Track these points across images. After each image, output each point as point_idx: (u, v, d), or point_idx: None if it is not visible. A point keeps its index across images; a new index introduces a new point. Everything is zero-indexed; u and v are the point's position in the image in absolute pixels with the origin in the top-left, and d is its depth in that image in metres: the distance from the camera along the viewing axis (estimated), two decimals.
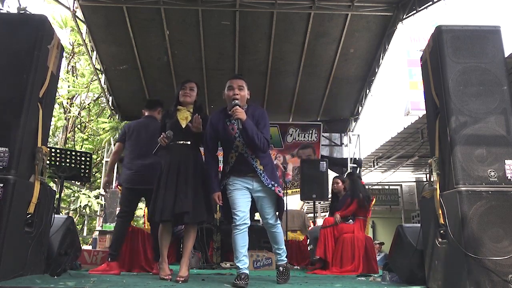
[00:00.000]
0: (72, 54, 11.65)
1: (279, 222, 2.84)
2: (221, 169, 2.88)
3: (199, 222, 2.95)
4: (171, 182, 2.84)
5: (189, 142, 2.97)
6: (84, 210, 7.81)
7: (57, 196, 3.53)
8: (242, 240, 2.68)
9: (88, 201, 7.59)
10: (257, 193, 2.76)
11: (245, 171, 2.74)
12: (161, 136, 2.87)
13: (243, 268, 2.64)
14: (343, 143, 9.32)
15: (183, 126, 2.97)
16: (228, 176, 2.78)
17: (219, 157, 2.91)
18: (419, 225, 2.75)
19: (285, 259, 2.92)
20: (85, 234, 8.41)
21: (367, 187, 5.41)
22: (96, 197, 7.85)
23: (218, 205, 4.71)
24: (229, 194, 2.75)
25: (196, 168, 2.91)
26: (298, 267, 4.90)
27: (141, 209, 14.11)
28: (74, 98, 11.96)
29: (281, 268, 2.86)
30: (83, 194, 7.76)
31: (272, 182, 2.73)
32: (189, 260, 2.94)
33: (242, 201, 2.71)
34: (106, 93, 8.47)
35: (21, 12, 2.54)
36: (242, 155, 2.73)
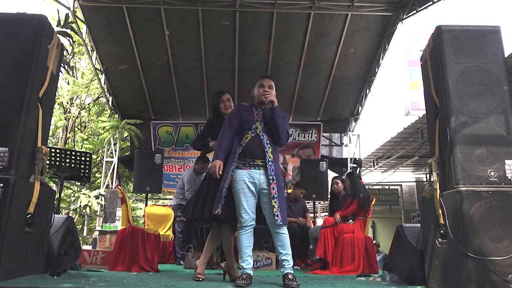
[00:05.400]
0: (72, 54, 11.63)
1: (285, 224, 2.71)
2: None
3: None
4: (207, 188, 2.92)
5: None
6: (84, 210, 7.79)
7: (57, 196, 3.53)
8: (247, 240, 2.69)
9: (88, 201, 7.57)
10: (263, 190, 2.72)
11: (256, 154, 2.74)
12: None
13: (247, 268, 2.63)
14: (343, 143, 9.32)
15: None
16: (235, 163, 2.74)
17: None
18: (419, 225, 2.76)
19: (291, 266, 2.70)
20: (85, 234, 8.40)
21: (367, 187, 5.41)
22: (96, 197, 7.83)
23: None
24: (234, 193, 2.73)
25: None
26: (298, 267, 4.90)
27: (141, 209, 14.14)
28: (74, 98, 11.95)
29: (290, 276, 2.60)
30: (83, 194, 7.75)
31: (274, 177, 2.71)
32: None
33: (248, 203, 2.70)
34: (106, 93, 8.47)
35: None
36: (259, 137, 2.79)
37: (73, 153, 4.32)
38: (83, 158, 4.30)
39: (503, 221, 2.14)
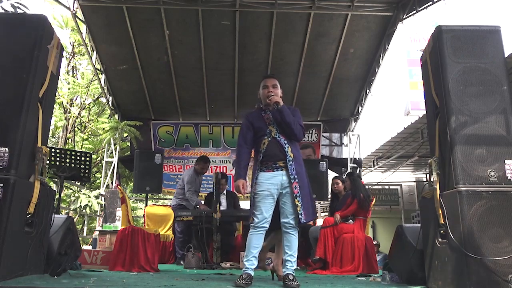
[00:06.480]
0: (72, 54, 11.64)
1: (308, 220, 2.75)
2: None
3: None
4: None
5: None
6: (84, 210, 7.79)
7: (57, 196, 3.54)
8: (256, 241, 2.68)
9: (88, 201, 7.57)
10: (285, 189, 2.72)
11: (277, 156, 2.75)
12: None
13: (249, 268, 2.63)
14: (343, 143, 9.31)
15: None
16: (259, 168, 2.77)
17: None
18: (419, 225, 2.76)
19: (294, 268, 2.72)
20: (85, 234, 8.39)
21: (367, 187, 5.42)
22: (96, 197, 7.83)
23: (218, 205, 4.76)
24: (255, 193, 2.74)
25: None
26: (298, 267, 4.90)
27: (141, 209, 14.14)
28: (74, 98, 11.95)
29: (290, 276, 2.61)
30: (83, 194, 7.75)
31: (296, 176, 2.71)
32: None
33: (265, 206, 2.69)
34: (106, 93, 8.47)
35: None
36: (275, 139, 2.79)
37: (73, 153, 4.32)
38: (83, 158, 4.31)
39: (503, 221, 2.14)
